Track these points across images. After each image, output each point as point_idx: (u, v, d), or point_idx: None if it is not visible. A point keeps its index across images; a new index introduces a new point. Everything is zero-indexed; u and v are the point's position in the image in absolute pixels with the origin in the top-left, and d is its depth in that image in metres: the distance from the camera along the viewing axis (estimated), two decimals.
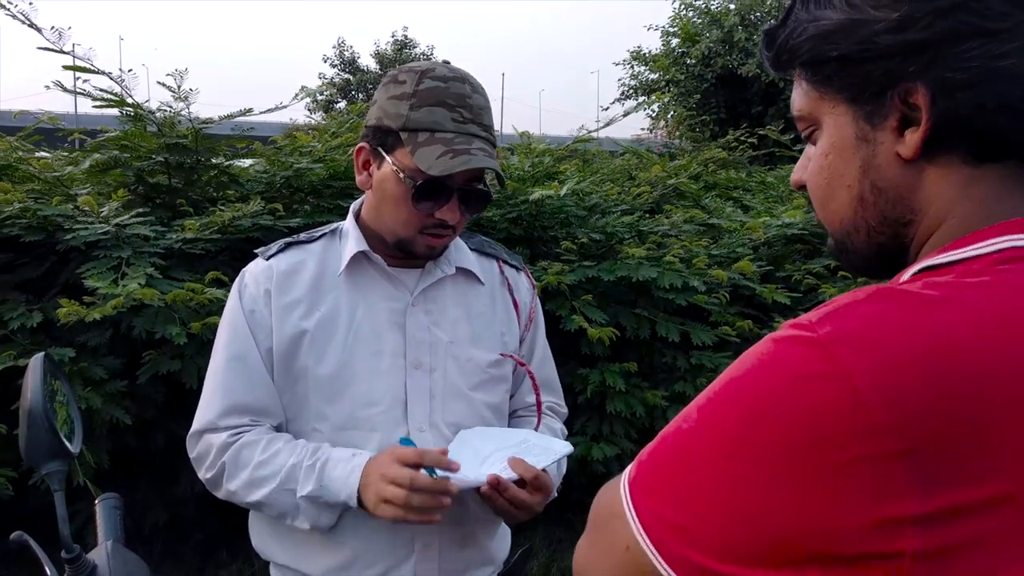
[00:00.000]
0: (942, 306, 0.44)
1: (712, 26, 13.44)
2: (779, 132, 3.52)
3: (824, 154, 0.56)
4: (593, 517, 0.57)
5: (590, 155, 4.46)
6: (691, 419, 0.49)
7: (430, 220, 1.00)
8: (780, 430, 0.43)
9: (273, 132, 3.52)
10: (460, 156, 0.94)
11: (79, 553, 0.77)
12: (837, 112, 0.54)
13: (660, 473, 0.50)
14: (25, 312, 2.08)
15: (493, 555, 1.13)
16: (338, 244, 1.08)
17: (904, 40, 0.48)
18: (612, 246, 2.75)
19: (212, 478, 1.03)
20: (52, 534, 0.77)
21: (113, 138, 2.49)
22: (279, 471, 0.98)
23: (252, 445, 1.00)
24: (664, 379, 2.62)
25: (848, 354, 0.42)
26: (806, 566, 0.43)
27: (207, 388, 1.05)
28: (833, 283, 2.75)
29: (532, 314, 1.18)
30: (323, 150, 2.78)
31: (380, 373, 1.03)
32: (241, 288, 1.05)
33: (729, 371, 0.48)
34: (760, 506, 0.43)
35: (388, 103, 0.99)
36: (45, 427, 0.77)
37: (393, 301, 1.06)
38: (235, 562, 2.48)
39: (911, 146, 0.50)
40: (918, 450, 0.40)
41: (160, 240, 2.24)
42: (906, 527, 0.40)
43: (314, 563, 1.04)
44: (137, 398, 2.15)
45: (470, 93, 0.98)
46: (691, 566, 0.46)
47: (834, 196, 0.56)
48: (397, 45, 28.18)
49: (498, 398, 1.12)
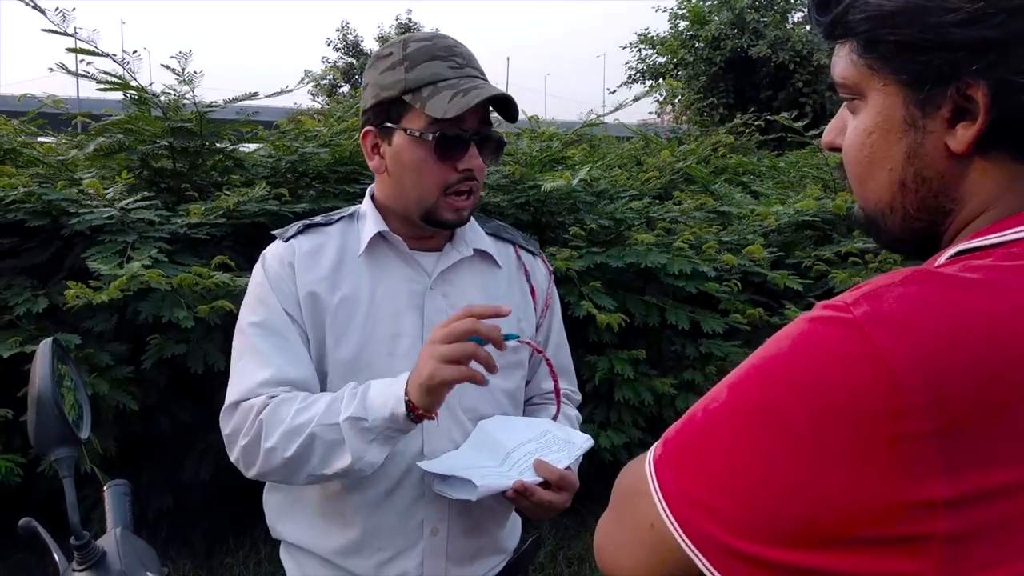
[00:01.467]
0: (981, 289, 0.44)
1: (722, 7, 13.32)
2: (791, 119, 3.47)
3: (867, 131, 0.54)
4: (617, 495, 0.57)
5: (597, 140, 4.42)
6: (720, 398, 0.48)
7: (454, 176, 0.99)
8: (812, 408, 0.42)
9: (277, 116, 3.49)
10: (471, 92, 0.95)
11: (88, 540, 0.76)
12: (887, 91, 0.52)
13: (687, 451, 0.50)
14: (31, 297, 2.07)
15: (503, 544, 1.13)
16: (356, 226, 1.07)
17: (973, 36, 0.47)
18: (621, 232, 2.73)
19: (248, 445, 0.96)
20: (60, 520, 0.76)
21: (117, 122, 2.47)
22: (319, 411, 0.93)
23: (290, 400, 0.96)
24: (673, 367, 2.61)
25: (884, 335, 0.42)
26: (832, 547, 0.42)
27: (240, 364, 1.01)
28: (843, 269, 2.72)
29: (549, 300, 1.17)
30: (329, 135, 2.75)
31: (398, 356, 1.02)
32: (265, 267, 1.04)
33: (761, 350, 0.48)
34: (788, 484, 0.43)
35: (381, 77, 0.99)
36: (54, 413, 0.76)
37: (412, 283, 1.05)
38: (241, 548, 2.49)
39: (963, 141, 0.49)
40: (951, 431, 0.40)
41: (165, 225, 2.22)
42: (937, 509, 0.40)
43: (324, 543, 1.04)
44: (143, 384, 2.15)
45: (456, 43, 1.01)
46: (716, 544, 0.46)
47: (874, 176, 0.54)
48: (401, 28, 27.99)
49: (514, 384, 1.11)
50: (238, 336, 1.03)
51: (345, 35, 27.83)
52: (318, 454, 0.93)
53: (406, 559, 1.03)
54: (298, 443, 0.93)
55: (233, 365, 1.03)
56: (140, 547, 0.85)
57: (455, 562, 1.05)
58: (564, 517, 2.72)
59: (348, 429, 0.91)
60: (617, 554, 0.55)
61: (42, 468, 2.01)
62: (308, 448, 0.93)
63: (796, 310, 2.45)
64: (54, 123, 3.18)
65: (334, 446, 0.92)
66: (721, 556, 0.46)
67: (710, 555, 0.46)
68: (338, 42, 27.95)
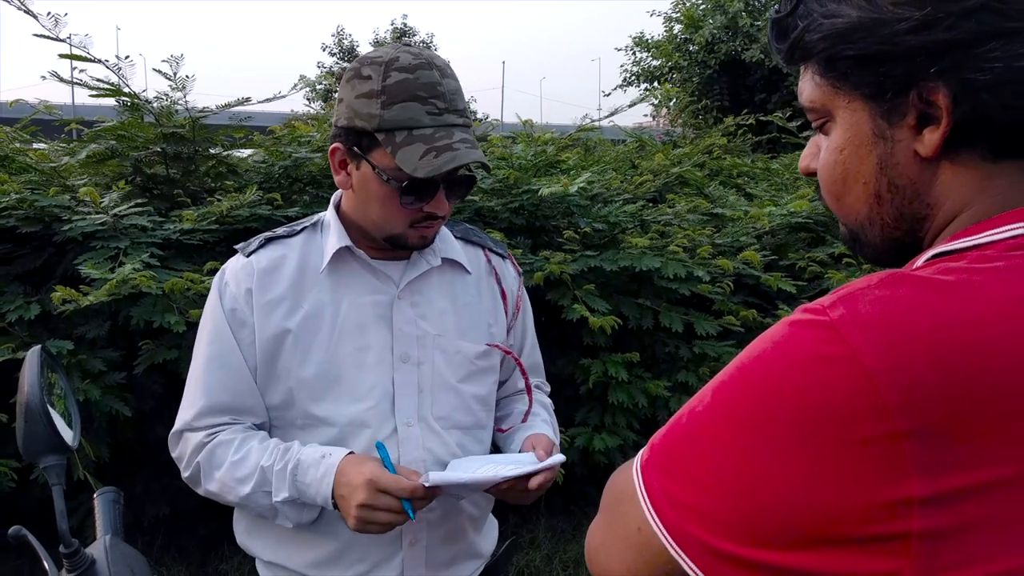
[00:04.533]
0: (953, 290, 0.44)
1: (716, 12, 13.36)
2: (785, 120, 3.47)
3: (839, 148, 0.55)
4: (606, 499, 0.58)
5: (592, 143, 4.43)
6: (705, 401, 0.49)
7: (419, 215, 0.98)
8: (792, 409, 0.43)
9: (271, 122, 3.49)
10: (444, 154, 0.91)
11: (77, 547, 0.76)
12: (853, 107, 0.53)
13: (672, 454, 0.50)
14: (23, 304, 2.06)
15: (480, 549, 1.14)
16: (319, 238, 1.05)
17: (926, 41, 0.47)
18: (615, 236, 2.74)
19: (191, 477, 1.04)
20: (54, 528, 0.76)
21: (110, 128, 2.47)
22: (252, 474, 0.97)
23: (225, 445, 1.00)
24: (667, 369, 2.61)
25: (859, 336, 0.42)
26: (814, 547, 0.43)
27: (188, 388, 1.04)
28: (838, 269, 2.73)
29: (519, 302, 1.17)
30: (322, 140, 2.75)
31: (366, 368, 1.01)
32: (221, 286, 1.03)
33: (744, 354, 0.48)
34: (767, 485, 0.44)
35: (357, 102, 0.94)
36: (43, 421, 0.76)
37: (378, 294, 1.03)
38: (236, 555, 2.48)
39: (930, 145, 0.50)
40: (926, 431, 0.40)
41: (158, 231, 2.22)
42: (912, 508, 0.40)
43: (302, 558, 1.03)
44: (135, 390, 2.14)
45: (439, 79, 0.93)
46: (701, 546, 0.46)
47: (849, 191, 0.55)
48: (396, 33, 28.00)
49: (485, 389, 1.11)
50: (193, 355, 1.05)
51: (340, 39, 27.81)
52: (257, 512, 1.01)
53: (385, 570, 1.03)
54: (236, 499, 1.00)
55: (186, 384, 1.05)
56: (130, 554, 0.85)
57: (434, 569, 1.06)
58: (560, 521, 2.72)
59: (282, 507, 0.98)
60: (607, 557, 0.56)
61: (35, 475, 2.00)
62: (248, 504, 1.00)
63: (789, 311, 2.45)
64: (47, 130, 3.18)
65: (272, 512, 0.99)
66: (705, 558, 0.46)
67: (695, 557, 0.47)
68: (333, 46, 27.95)
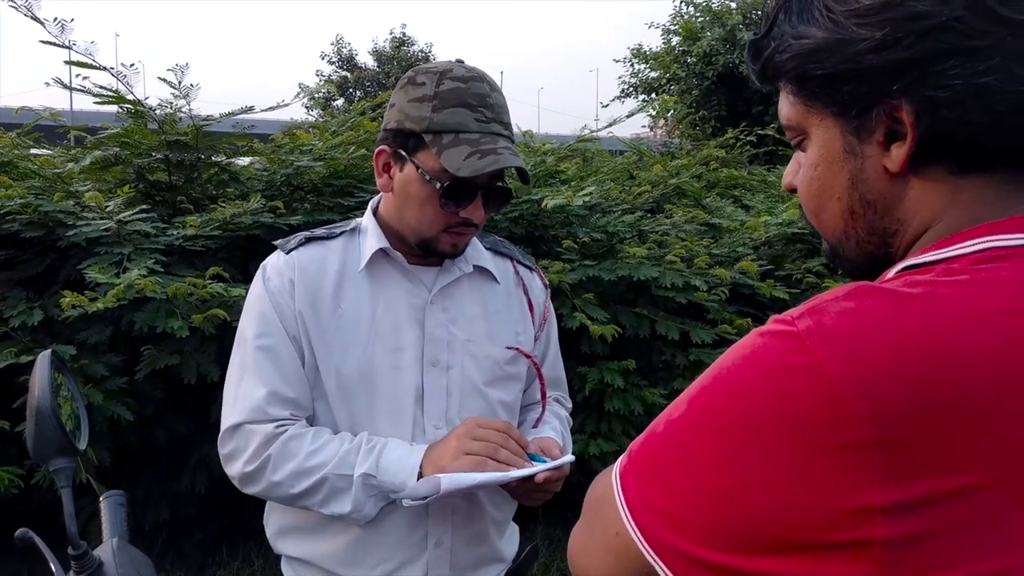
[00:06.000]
0: (919, 302, 0.45)
1: (714, 24, 13.42)
2: (781, 132, 3.50)
3: (813, 165, 0.56)
4: (587, 503, 0.59)
5: (591, 154, 4.46)
6: (681, 409, 0.50)
7: (454, 219, 1.01)
8: (764, 418, 0.44)
9: (273, 130, 3.51)
10: (488, 156, 0.95)
11: (86, 550, 0.77)
12: (825, 125, 0.54)
13: (649, 461, 0.51)
14: (26, 309, 2.08)
15: (503, 553, 1.15)
16: (357, 241, 1.08)
17: (887, 60, 0.49)
18: (613, 245, 2.76)
19: (251, 472, 1.00)
20: (56, 531, 0.77)
21: (114, 135, 2.49)
22: (332, 458, 0.98)
23: (300, 437, 1.00)
24: (663, 377, 2.63)
25: (824, 347, 0.43)
26: (786, 553, 0.44)
27: (236, 383, 1.03)
28: (835, 280, 2.76)
29: (546, 314, 1.20)
30: (323, 148, 2.77)
31: (399, 370, 1.04)
32: (265, 280, 1.04)
33: (718, 363, 0.50)
34: (738, 492, 0.45)
35: (409, 106, 0.99)
36: (53, 424, 0.77)
37: (412, 298, 1.06)
38: (235, 560, 2.49)
39: (897, 160, 0.51)
40: (891, 440, 0.41)
41: (161, 237, 2.23)
42: (875, 516, 0.41)
43: (327, 555, 1.05)
44: (137, 395, 2.15)
45: (489, 92, 0.99)
46: (675, 552, 0.48)
47: (825, 207, 0.57)
48: (395, 42, 28.11)
49: (511, 396, 1.13)
50: (238, 347, 1.05)
51: (340, 49, 27.92)
52: (322, 495, 0.99)
53: (411, 569, 1.04)
54: (307, 484, 0.98)
55: (230, 377, 1.04)
56: (137, 557, 0.86)
57: (458, 571, 1.07)
58: (557, 528, 2.72)
59: (358, 482, 0.97)
60: (588, 560, 0.57)
61: (36, 480, 2.01)
62: (315, 489, 0.99)
63: None
64: (50, 136, 3.19)
65: (340, 492, 0.98)
66: (680, 563, 0.47)
67: (669, 562, 0.48)
68: (332, 56, 28.05)
